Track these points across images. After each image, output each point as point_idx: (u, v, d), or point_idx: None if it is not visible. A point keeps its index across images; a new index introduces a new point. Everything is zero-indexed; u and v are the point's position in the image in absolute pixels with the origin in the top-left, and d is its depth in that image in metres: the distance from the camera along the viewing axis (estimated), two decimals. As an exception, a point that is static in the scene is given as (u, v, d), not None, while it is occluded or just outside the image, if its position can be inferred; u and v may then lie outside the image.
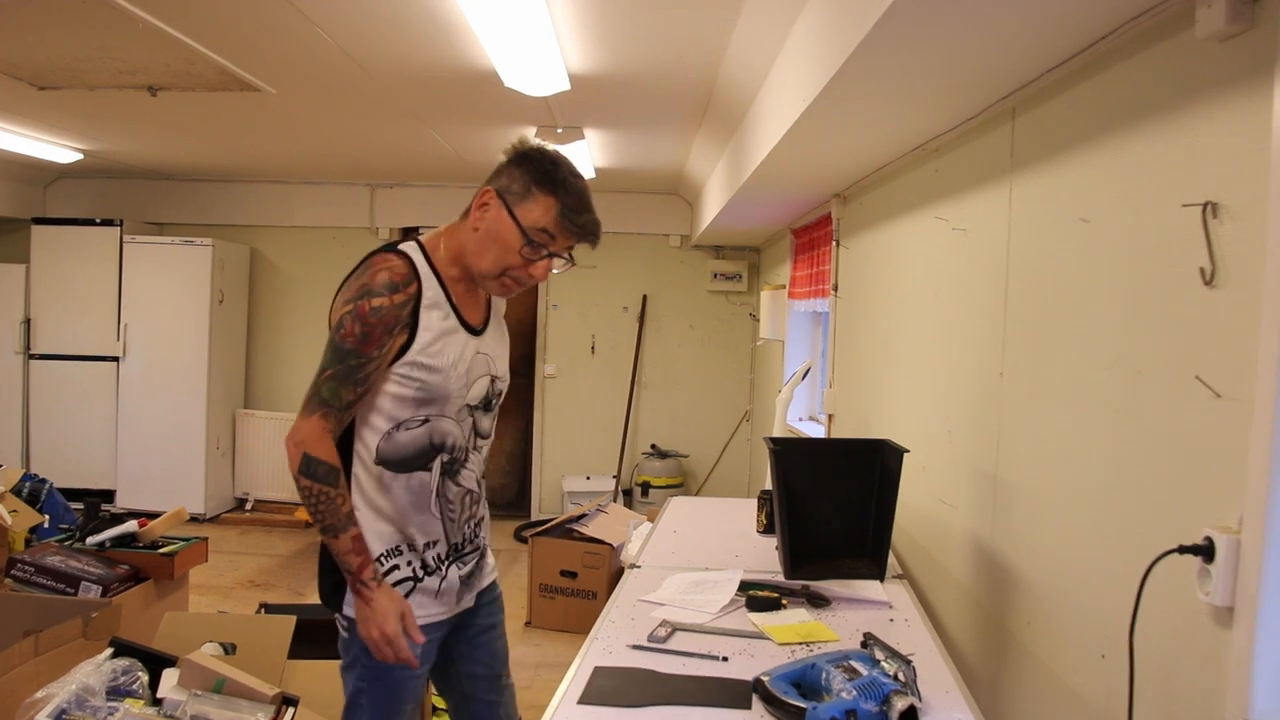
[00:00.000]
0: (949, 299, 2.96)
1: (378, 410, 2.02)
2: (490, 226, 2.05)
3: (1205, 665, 1.55)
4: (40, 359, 7.60)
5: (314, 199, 8.07)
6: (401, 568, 2.08)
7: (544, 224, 2.03)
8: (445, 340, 2.04)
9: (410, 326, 2.00)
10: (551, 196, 2.02)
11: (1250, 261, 1.46)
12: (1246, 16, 1.47)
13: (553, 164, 2.05)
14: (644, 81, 4.14)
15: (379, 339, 1.95)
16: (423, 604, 2.10)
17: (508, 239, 2.03)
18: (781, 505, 2.74)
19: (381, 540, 2.06)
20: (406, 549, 2.08)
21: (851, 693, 1.67)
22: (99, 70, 4.31)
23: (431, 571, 2.11)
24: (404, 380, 2.00)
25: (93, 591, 3.76)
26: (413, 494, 2.07)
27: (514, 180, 2.04)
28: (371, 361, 1.96)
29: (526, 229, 2.02)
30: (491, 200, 2.06)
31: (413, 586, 2.09)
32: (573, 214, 2.04)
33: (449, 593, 2.14)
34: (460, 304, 2.10)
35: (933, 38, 2.04)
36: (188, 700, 2.85)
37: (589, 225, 2.08)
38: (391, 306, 1.96)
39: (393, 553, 2.07)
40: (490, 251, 2.05)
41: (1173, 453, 1.67)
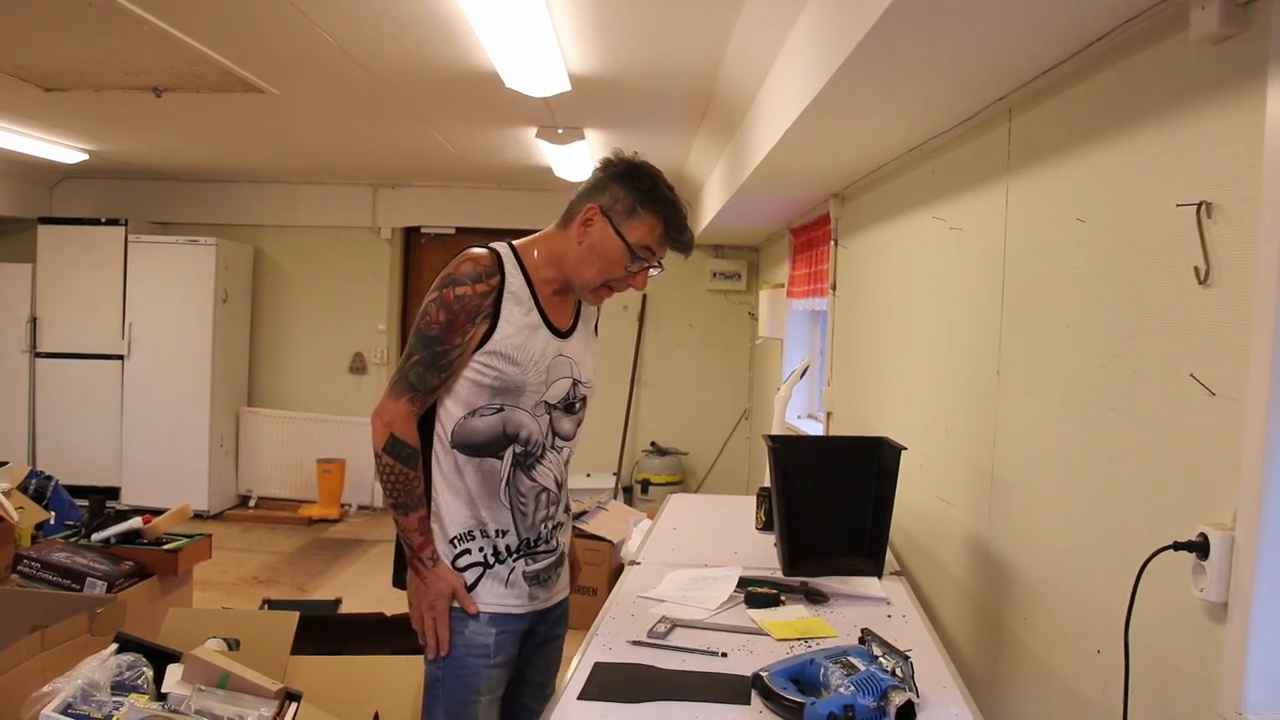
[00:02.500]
0: (946, 298, 2.98)
1: (456, 395, 2.08)
2: (595, 242, 2.11)
3: (1200, 660, 1.56)
4: (46, 358, 7.63)
5: (317, 199, 8.09)
6: (473, 552, 2.12)
7: (649, 242, 2.11)
8: (527, 335, 2.09)
9: (492, 316, 2.05)
10: (656, 217, 2.10)
11: (1244, 261, 1.47)
12: (1240, 19, 1.49)
13: (653, 182, 2.11)
14: (644, 82, 4.15)
15: (462, 326, 2.02)
16: (494, 591, 2.13)
17: (613, 255, 2.10)
18: (780, 502, 2.76)
19: (457, 523, 2.12)
20: (479, 534, 2.12)
21: (849, 688, 1.68)
22: (105, 72, 4.33)
23: (502, 560, 2.14)
24: (483, 368, 2.06)
25: (98, 588, 3.77)
26: (483, 479, 2.10)
27: (618, 199, 2.10)
28: (455, 349, 2.03)
29: (634, 247, 2.09)
30: (596, 217, 2.11)
31: (482, 572, 2.13)
32: (676, 233, 2.13)
33: (517, 585, 2.16)
34: (546, 304, 2.15)
35: (931, 39, 2.05)
36: (192, 695, 2.86)
37: (688, 241, 2.16)
38: (474, 295, 2.03)
39: (466, 537, 2.12)
40: (594, 265, 2.12)
41: (1167, 450, 1.68)
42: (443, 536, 2.13)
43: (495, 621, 2.13)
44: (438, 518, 2.13)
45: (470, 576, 2.12)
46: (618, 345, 8.07)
